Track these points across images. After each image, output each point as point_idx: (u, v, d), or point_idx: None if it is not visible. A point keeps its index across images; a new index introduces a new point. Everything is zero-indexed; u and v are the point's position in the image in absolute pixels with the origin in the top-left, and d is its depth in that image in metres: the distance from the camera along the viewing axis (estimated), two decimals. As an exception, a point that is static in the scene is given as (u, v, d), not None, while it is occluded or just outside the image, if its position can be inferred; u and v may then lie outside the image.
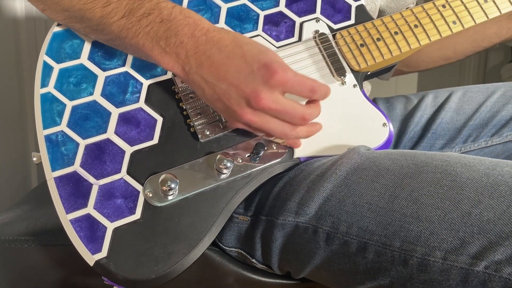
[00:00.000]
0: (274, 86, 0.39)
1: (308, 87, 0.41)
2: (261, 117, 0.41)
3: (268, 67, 0.39)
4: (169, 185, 0.40)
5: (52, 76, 0.44)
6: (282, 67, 0.39)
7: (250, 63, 0.39)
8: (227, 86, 0.40)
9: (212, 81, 0.40)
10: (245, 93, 0.39)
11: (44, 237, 0.47)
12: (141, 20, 0.41)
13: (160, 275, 0.38)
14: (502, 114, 0.58)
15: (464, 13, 0.54)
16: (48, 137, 0.42)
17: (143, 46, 0.41)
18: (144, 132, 0.43)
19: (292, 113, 0.41)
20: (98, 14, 0.42)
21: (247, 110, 0.40)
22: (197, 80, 0.41)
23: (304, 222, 0.42)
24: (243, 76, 0.39)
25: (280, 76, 0.39)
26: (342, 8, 0.53)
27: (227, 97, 0.40)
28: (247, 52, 0.40)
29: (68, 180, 0.40)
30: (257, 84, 0.39)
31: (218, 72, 0.40)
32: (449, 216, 0.36)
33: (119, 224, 0.39)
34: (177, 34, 0.40)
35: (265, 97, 0.39)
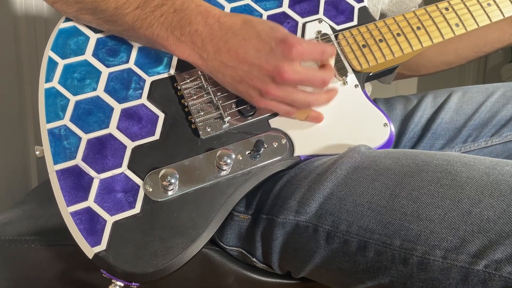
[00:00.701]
0: (294, 58, 0.41)
1: (319, 51, 0.44)
2: (285, 90, 0.43)
3: (285, 42, 0.41)
4: (169, 180, 0.40)
5: (56, 71, 0.44)
6: (297, 39, 0.41)
7: (267, 41, 0.41)
8: (248, 66, 0.41)
9: (232, 65, 0.41)
10: (268, 70, 0.41)
11: (44, 237, 0.48)
12: (155, 10, 0.42)
13: (158, 268, 0.38)
14: (502, 114, 0.58)
15: (467, 16, 0.54)
16: (51, 131, 0.42)
17: (158, 36, 0.42)
18: (146, 128, 0.44)
19: (313, 78, 0.43)
20: (112, 5, 0.43)
21: (271, 86, 0.42)
22: (216, 66, 0.42)
23: (304, 221, 0.42)
24: (263, 54, 0.41)
25: (298, 48, 0.41)
26: (345, 10, 0.53)
27: (250, 77, 0.42)
28: (261, 31, 0.41)
29: (70, 173, 0.41)
30: (278, 59, 0.41)
31: (238, 54, 0.41)
32: (449, 215, 0.36)
33: (118, 218, 0.40)
34: (191, 23, 0.42)
35: (288, 70, 0.41)
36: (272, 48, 0.41)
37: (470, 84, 0.79)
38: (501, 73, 1.42)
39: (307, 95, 0.45)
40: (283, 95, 0.43)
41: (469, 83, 1.49)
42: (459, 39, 0.59)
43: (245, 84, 0.42)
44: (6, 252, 0.48)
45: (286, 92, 0.43)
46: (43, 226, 0.49)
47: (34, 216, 0.51)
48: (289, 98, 0.43)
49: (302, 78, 0.42)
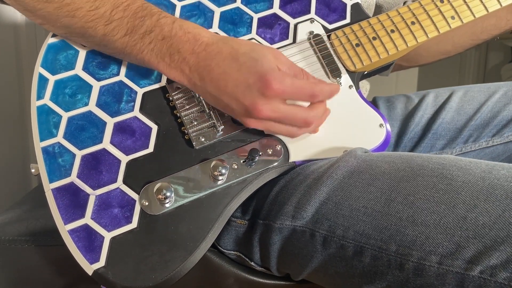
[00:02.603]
0: (271, 97, 0.41)
1: (308, 94, 0.42)
2: (265, 123, 0.43)
3: (263, 79, 0.40)
4: (164, 194, 0.40)
5: (47, 88, 0.44)
6: (278, 78, 0.40)
7: (246, 77, 0.41)
8: (227, 98, 0.42)
9: (214, 94, 0.42)
10: (245, 105, 0.41)
11: (44, 238, 0.48)
12: (143, 37, 0.42)
13: (158, 282, 0.39)
14: (504, 114, 0.57)
15: (463, 7, 0.53)
16: (45, 149, 0.42)
17: (149, 62, 0.43)
18: (140, 140, 0.44)
19: (293, 118, 0.43)
20: (100, 32, 0.43)
21: (250, 119, 0.42)
22: (202, 92, 0.43)
23: (301, 226, 0.42)
24: (241, 89, 0.41)
25: (275, 88, 0.40)
26: (337, 8, 0.52)
27: (230, 108, 0.42)
28: (242, 65, 0.41)
29: (66, 191, 0.41)
30: (254, 96, 0.41)
31: (219, 86, 0.41)
32: (445, 220, 0.36)
33: (116, 234, 0.40)
34: (179, 51, 0.42)
35: (263, 108, 0.41)
36: (249, 84, 0.40)
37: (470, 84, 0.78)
38: (501, 73, 1.41)
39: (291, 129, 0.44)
40: (264, 127, 0.43)
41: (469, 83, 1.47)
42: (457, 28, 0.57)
43: (228, 112, 0.44)
44: (6, 252, 0.48)
45: (267, 125, 0.43)
46: (43, 226, 0.49)
47: (34, 217, 0.51)
48: (271, 130, 0.44)
49: (280, 116, 0.42)
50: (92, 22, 0.42)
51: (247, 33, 0.50)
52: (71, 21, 0.43)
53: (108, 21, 0.42)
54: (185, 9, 0.50)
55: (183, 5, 0.50)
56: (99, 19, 0.42)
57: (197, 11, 0.50)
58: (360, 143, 0.47)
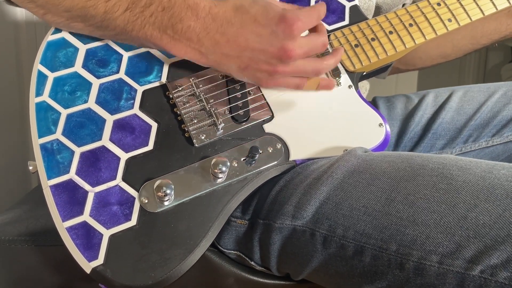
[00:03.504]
0: (296, 35, 0.41)
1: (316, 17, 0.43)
2: (292, 65, 0.43)
3: (284, 21, 0.40)
4: (164, 191, 0.40)
5: (46, 85, 0.44)
6: (295, 15, 0.41)
7: (265, 24, 0.40)
8: (252, 52, 0.41)
9: (235, 54, 0.41)
10: (273, 52, 0.41)
11: (44, 238, 0.47)
12: (144, 11, 0.41)
13: (157, 281, 0.39)
14: (503, 114, 0.58)
15: (459, 10, 0.54)
16: (43, 146, 0.42)
17: (151, 37, 0.42)
18: (139, 138, 0.44)
19: (315, 46, 0.43)
20: (101, 9, 0.42)
21: (279, 66, 0.42)
22: (218, 58, 0.42)
23: (301, 226, 0.42)
24: (265, 38, 0.41)
25: (298, 25, 0.40)
26: (336, 9, 0.52)
27: (255, 62, 0.42)
28: (256, 14, 0.41)
29: (64, 188, 0.40)
30: (281, 40, 0.41)
31: (238, 43, 0.41)
32: (445, 219, 0.36)
33: (115, 231, 0.40)
34: (182, 19, 0.41)
35: (293, 48, 0.41)
36: (272, 30, 0.40)
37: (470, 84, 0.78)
38: (501, 73, 1.42)
39: (316, 62, 0.45)
40: (292, 70, 0.43)
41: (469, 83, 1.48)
42: (455, 31, 0.58)
43: (251, 69, 0.42)
44: (6, 252, 0.48)
45: (295, 66, 0.43)
46: (43, 226, 0.49)
47: (34, 217, 0.51)
48: (299, 71, 0.44)
49: (307, 49, 0.42)
50: (93, 1, 0.42)
51: None
52: (72, 2, 0.42)
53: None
54: None
55: None
56: None
57: None
58: (360, 143, 0.47)
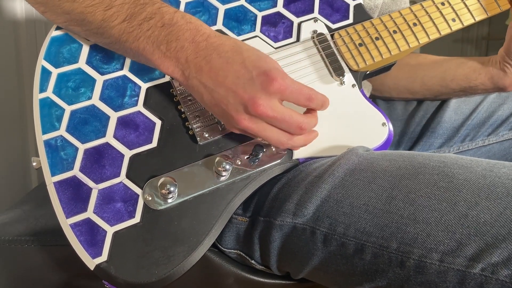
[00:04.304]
0: (273, 93, 0.39)
1: (306, 96, 0.41)
2: (258, 124, 0.41)
3: (267, 74, 0.39)
4: (168, 188, 0.40)
5: (50, 81, 0.44)
6: (281, 75, 0.40)
7: (249, 69, 0.39)
8: (225, 91, 0.40)
9: (210, 86, 0.40)
10: (243, 99, 0.39)
11: (44, 237, 0.48)
12: (142, 24, 0.41)
13: (160, 278, 0.39)
14: (498, 113, 0.59)
15: (463, 10, 0.54)
16: (47, 142, 0.42)
17: (144, 50, 0.41)
18: (143, 135, 0.44)
19: (289, 121, 0.41)
20: (99, 17, 0.42)
21: (244, 116, 0.40)
22: (196, 85, 0.41)
23: (301, 223, 0.43)
24: (242, 82, 0.39)
25: (278, 83, 0.39)
26: (340, 8, 0.52)
27: (224, 103, 0.40)
28: (246, 58, 0.40)
29: (68, 184, 0.41)
30: (255, 90, 0.39)
31: (217, 77, 0.40)
32: (446, 217, 0.36)
33: (119, 228, 0.40)
34: (178, 39, 0.40)
35: (263, 103, 0.39)
36: (252, 77, 0.39)
37: None
38: None
39: (282, 136, 0.42)
40: (255, 128, 0.41)
41: None
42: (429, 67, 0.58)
43: (220, 109, 0.41)
44: (6, 252, 0.48)
45: (259, 126, 0.41)
46: (43, 226, 0.49)
47: (34, 216, 0.51)
48: (262, 134, 0.42)
49: (276, 116, 0.40)
50: (92, 7, 0.42)
51: (251, 31, 0.50)
52: (72, 6, 0.42)
53: (108, 6, 0.42)
54: (189, 6, 0.50)
55: (187, 2, 0.50)
56: (99, 4, 0.42)
57: (202, 8, 0.50)
58: (363, 142, 0.47)
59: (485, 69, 0.58)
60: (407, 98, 0.66)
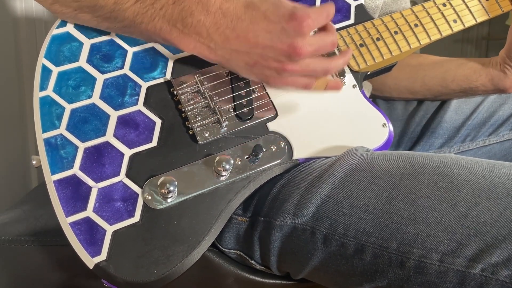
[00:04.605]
0: (306, 32, 0.40)
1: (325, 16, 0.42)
2: (301, 63, 0.42)
3: (295, 18, 0.39)
4: (168, 188, 0.40)
5: (51, 79, 0.44)
6: (305, 13, 0.40)
7: (276, 21, 0.40)
8: (262, 49, 0.40)
9: (244, 50, 0.41)
10: (283, 49, 0.40)
11: (44, 237, 0.48)
12: (154, 3, 0.41)
13: (159, 277, 0.39)
14: (499, 114, 0.59)
15: (465, 11, 0.54)
16: (47, 141, 0.42)
17: (161, 30, 0.41)
18: (143, 134, 0.44)
19: (324, 44, 0.42)
20: (111, 0, 0.41)
21: (288, 63, 0.41)
22: (226, 54, 0.41)
23: (301, 224, 0.43)
24: (275, 35, 0.40)
25: (308, 22, 0.40)
26: (342, 8, 0.53)
27: (264, 59, 0.41)
28: (266, 11, 0.40)
29: (68, 183, 0.41)
30: (291, 37, 0.40)
31: (248, 39, 0.40)
32: (446, 218, 0.36)
33: (118, 227, 0.40)
34: (192, 13, 0.40)
35: (303, 45, 0.40)
36: (282, 27, 0.40)
37: None
38: None
39: (325, 61, 0.43)
40: (301, 68, 0.42)
41: None
42: (430, 68, 0.58)
43: (260, 67, 0.42)
44: (6, 252, 0.48)
45: (304, 65, 0.42)
46: (43, 226, 0.49)
47: (34, 216, 0.51)
48: (308, 69, 0.43)
49: (316, 48, 0.41)
50: None
51: None
52: None
53: None
54: None
55: None
56: None
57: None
58: (363, 142, 0.47)
59: (486, 70, 0.58)
60: (407, 98, 0.66)
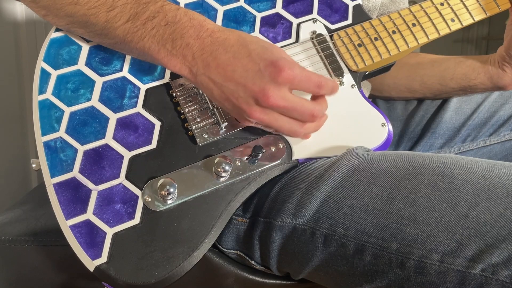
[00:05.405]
0: (282, 83, 0.40)
1: (315, 83, 0.41)
2: (270, 114, 0.41)
3: (275, 64, 0.39)
4: (167, 190, 0.40)
5: (49, 83, 0.44)
6: (289, 64, 0.40)
7: (256, 62, 0.40)
8: (234, 85, 0.40)
9: (219, 82, 0.41)
10: (253, 91, 0.40)
11: (44, 237, 0.48)
12: (146, 23, 0.41)
13: (160, 279, 0.39)
14: (500, 114, 0.58)
15: (462, 10, 0.54)
16: (47, 144, 0.42)
17: (149, 49, 0.41)
18: (142, 136, 0.44)
19: (301, 110, 0.41)
20: (102, 19, 0.42)
21: (255, 108, 0.41)
22: (204, 81, 0.41)
23: (301, 224, 0.43)
24: (251, 75, 0.40)
25: (287, 73, 0.39)
26: (339, 8, 0.53)
27: (235, 96, 0.41)
28: (252, 51, 0.40)
29: (67, 186, 0.41)
30: (264, 82, 0.39)
31: (225, 72, 0.40)
32: (446, 218, 0.36)
33: (118, 229, 0.40)
34: (183, 36, 0.41)
35: (273, 94, 0.39)
36: (260, 69, 0.39)
37: None
38: None
39: (294, 125, 0.43)
40: (267, 119, 0.41)
41: None
42: (429, 66, 0.58)
43: (230, 103, 0.41)
44: (6, 252, 0.48)
45: (271, 117, 0.41)
46: (43, 226, 0.49)
47: (34, 217, 0.51)
48: (274, 124, 0.42)
49: (288, 105, 0.40)
50: (94, 9, 0.42)
51: (250, 32, 0.50)
52: (74, 8, 0.42)
53: (110, 7, 0.42)
54: (188, 7, 0.50)
55: (186, 3, 0.50)
56: (102, 6, 0.42)
57: (201, 9, 0.50)
58: (363, 142, 0.47)
59: (484, 68, 0.58)
60: (406, 97, 0.66)
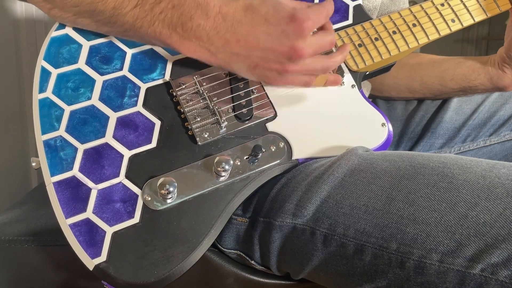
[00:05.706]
0: (306, 34, 0.41)
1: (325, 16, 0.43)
2: (302, 63, 0.43)
3: (295, 20, 0.40)
4: (167, 189, 0.40)
5: (50, 81, 0.44)
6: (305, 14, 0.40)
7: (276, 23, 0.40)
8: (261, 52, 0.41)
9: (245, 53, 0.41)
10: (284, 52, 0.41)
11: (44, 237, 0.48)
12: (154, 7, 0.41)
13: (159, 278, 0.39)
14: (500, 114, 0.58)
15: (463, 11, 0.54)
16: (46, 142, 0.42)
17: (160, 35, 0.42)
18: (142, 136, 0.44)
19: (324, 44, 0.43)
20: (110, 5, 0.42)
21: (289, 64, 0.42)
22: (227, 58, 0.42)
23: (301, 224, 0.43)
24: (275, 37, 0.40)
25: (307, 24, 0.40)
26: (340, 8, 0.53)
27: (266, 61, 0.42)
28: (266, 14, 0.41)
29: (67, 184, 0.41)
30: (292, 40, 0.40)
31: (248, 43, 0.41)
32: (446, 218, 0.36)
33: (118, 228, 0.40)
34: (192, 18, 0.41)
35: (303, 47, 0.41)
36: (283, 29, 0.40)
37: None
38: None
39: (325, 59, 0.44)
40: (302, 68, 0.43)
41: None
42: (429, 66, 0.58)
43: (261, 69, 0.42)
44: (6, 252, 0.48)
45: (304, 65, 0.43)
46: (43, 226, 0.49)
47: (34, 217, 0.51)
48: (308, 69, 0.44)
49: (316, 48, 0.42)
50: None
51: None
52: None
53: None
54: None
55: None
56: None
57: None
58: (363, 142, 0.47)
59: (484, 69, 0.58)
60: (407, 97, 0.66)
